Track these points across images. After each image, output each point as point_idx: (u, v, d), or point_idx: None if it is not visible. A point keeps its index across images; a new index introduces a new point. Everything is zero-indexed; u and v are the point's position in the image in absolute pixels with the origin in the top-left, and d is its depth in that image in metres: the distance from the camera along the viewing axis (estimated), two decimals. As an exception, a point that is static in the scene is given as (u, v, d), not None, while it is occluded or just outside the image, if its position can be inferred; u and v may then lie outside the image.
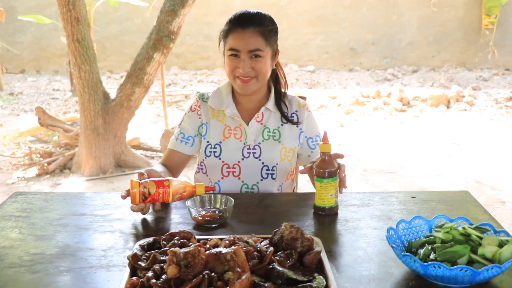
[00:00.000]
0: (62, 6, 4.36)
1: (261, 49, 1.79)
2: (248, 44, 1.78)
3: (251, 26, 1.79)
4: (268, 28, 1.82)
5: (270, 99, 1.91)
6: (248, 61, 1.79)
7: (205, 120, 1.92)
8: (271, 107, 1.91)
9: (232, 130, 1.90)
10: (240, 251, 1.07)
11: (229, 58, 1.81)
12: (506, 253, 1.16)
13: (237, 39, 1.79)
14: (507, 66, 9.69)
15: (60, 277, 1.22)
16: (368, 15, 9.80)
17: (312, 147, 1.94)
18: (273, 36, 1.85)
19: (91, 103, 4.72)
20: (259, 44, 1.79)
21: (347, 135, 6.39)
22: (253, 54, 1.79)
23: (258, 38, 1.79)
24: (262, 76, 1.82)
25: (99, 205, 1.70)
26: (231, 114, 1.89)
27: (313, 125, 1.97)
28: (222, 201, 1.58)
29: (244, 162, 1.88)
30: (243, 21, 1.80)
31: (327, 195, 1.56)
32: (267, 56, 1.82)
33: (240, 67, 1.79)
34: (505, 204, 4.11)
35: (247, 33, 1.78)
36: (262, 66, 1.80)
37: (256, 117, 1.90)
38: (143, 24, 9.13)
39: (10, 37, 9.67)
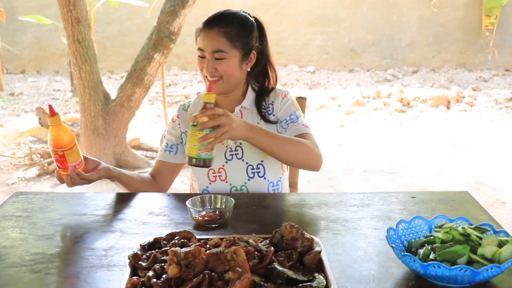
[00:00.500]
0: (62, 6, 4.37)
1: (224, 51, 1.76)
2: (211, 45, 1.76)
3: (216, 27, 1.77)
4: (234, 30, 1.79)
5: (247, 97, 1.89)
6: (212, 62, 1.77)
7: (184, 129, 1.93)
8: (247, 105, 1.89)
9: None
10: (241, 251, 1.07)
11: (198, 58, 1.82)
12: (506, 253, 1.17)
13: (202, 39, 1.79)
14: (507, 67, 9.69)
15: (61, 277, 1.23)
16: (368, 16, 9.81)
17: (285, 127, 1.87)
18: (242, 38, 1.80)
19: (91, 104, 4.72)
20: (221, 45, 1.76)
21: (347, 135, 6.39)
22: (216, 56, 1.76)
23: (221, 39, 1.76)
24: (227, 78, 1.79)
25: (99, 205, 1.71)
26: None
27: (288, 107, 1.89)
28: (223, 201, 1.58)
29: (228, 165, 1.86)
30: (211, 21, 1.79)
31: (190, 144, 1.53)
32: (233, 58, 1.78)
33: (204, 67, 1.78)
34: (505, 204, 4.11)
35: (211, 34, 1.77)
36: (225, 67, 1.77)
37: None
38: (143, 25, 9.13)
39: (10, 37, 9.67)
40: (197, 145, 1.51)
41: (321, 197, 1.77)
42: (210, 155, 1.53)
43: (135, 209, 1.66)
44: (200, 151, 1.52)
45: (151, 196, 1.80)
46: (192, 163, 1.54)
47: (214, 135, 1.52)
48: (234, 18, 1.82)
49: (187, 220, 1.56)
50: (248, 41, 1.82)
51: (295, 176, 2.18)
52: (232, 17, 1.81)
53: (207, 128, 1.50)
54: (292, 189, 2.17)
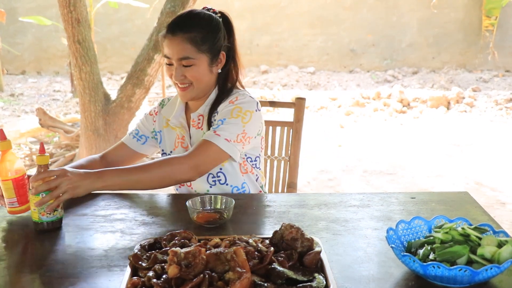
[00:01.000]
0: (63, 7, 4.37)
1: (191, 57, 1.70)
2: (177, 53, 1.70)
3: (180, 32, 1.70)
4: (199, 35, 1.71)
5: (205, 103, 1.82)
6: (180, 69, 1.72)
7: (159, 128, 1.93)
8: (202, 111, 1.82)
9: (180, 139, 1.88)
10: (241, 251, 1.08)
11: (165, 66, 1.77)
12: (505, 253, 1.17)
13: (168, 46, 1.72)
14: (507, 68, 9.70)
15: (61, 277, 1.23)
16: (368, 17, 9.81)
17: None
18: (208, 41, 1.73)
19: (91, 104, 4.73)
20: (187, 52, 1.70)
21: (347, 136, 6.40)
22: (183, 63, 1.71)
23: (186, 45, 1.70)
24: (198, 83, 1.75)
25: (100, 205, 1.71)
26: (175, 124, 1.87)
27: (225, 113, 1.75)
28: (223, 202, 1.58)
29: None
30: (173, 26, 1.72)
31: (31, 208, 1.48)
32: (201, 63, 1.72)
33: (173, 74, 1.74)
34: (505, 205, 4.12)
35: (175, 40, 1.70)
36: (194, 73, 1.73)
37: (193, 124, 1.85)
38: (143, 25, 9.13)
39: (11, 38, 9.68)
40: (36, 209, 1.47)
41: (321, 197, 1.78)
42: (53, 216, 1.48)
43: (135, 209, 1.67)
44: (41, 215, 1.47)
45: (152, 197, 1.80)
46: (38, 228, 1.48)
47: (51, 198, 1.46)
48: (198, 20, 1.73)
49: (187, 221, 1.56)
50: (215, 42, 1.75)
51: (295, 177, 2.18)
52: (195, 20, 1.73)
53: (43, 192, 1.46)
54: (291, 190, 2.17)
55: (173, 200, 1.77)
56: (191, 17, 1.74)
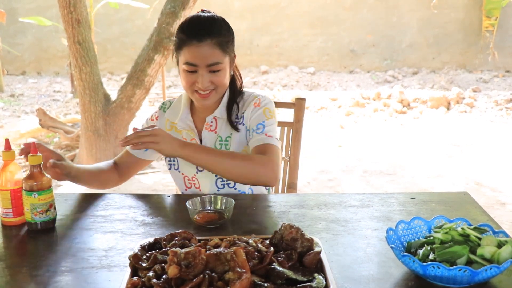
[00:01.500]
0: (63, 8, 4.38)
1: (220, 62, 1.69)
2: (207, 59, 1.67)
3: (208, 38, 1.66)
4: (225, 39, 1.71)
5: (220, 106, 1.81)
6: (207, 75, 1.68)
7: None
8: (219, 114, 1.81)
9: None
10: (241, 251, 1.08)
11: (185, 73, 1.70)
12: (505, 254, 1.17)
13: (193, 53, 1.66)
14: (507, 68, 9.70)
15: (61, 277, 1.23)
16: (368, 17, 9.82)
17: (250, 137, 1.79)
18: (230, 44, 1.74)
19: (91, 105, 4.73)
20: (217, 57, 1.68)
21: (347, 136, 6.40)
22: (212, 69, 1.68)
23: (216, 50, 1.67)
24: (221, 88, 1.74)
25: (100, 206, 1.71)
26: (184, 127, 1.85)
27: (258, 116, 1.79)
28: (223, 202, 1.58)
29: (199, 175, 1.84)
30: (198, 32, 1.67)
31: (24, 208, 1.50)
32: (226, 67, 1.72)
33: (198, 81, 1.69)
34: (505, 205, 4.12)
35: (204, 47, 1.66)
36: (221, 78, 1.71)
37: (206, 126, 1.83)
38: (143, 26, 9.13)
39: (11, 38, 9.68)
40: (29, 209, 1.49)
41: (321, 197, 1.78)
42: (46, 216, 1.49)
43: (135, 209, 1.67)
44: (34, 215, 1.48)
45: (151, 197, 1.80)
46: (31, 228, 1.50)
47: (136, 135, 1.56)
48: (219, 24, 1.72)
49: (187, 221, 1.56)
50: (233, 46, 1.77)
51: (295, 177, 2.18)
52: (218, 25, 1.71)
53: (35, 192, 1.47)
54: (292, 190, 2.17)
55: (173, 200, 1.77)
56: (213, 21, 1.71)
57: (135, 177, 4.82)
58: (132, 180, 4.74)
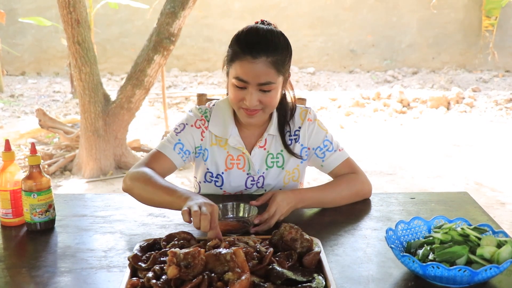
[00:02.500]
0: (62, 8, 4.37)
1: (273, 82, 1.57)
2: (259, 77, 1.55)
3: (263, 55, 1.54)
4: (280, 58, 1.57)
5: (272, 123, 1.74)
6: (256, 94, 1.57)
7: (207, 145, 1.75)
8: (273, 131, 1.74)
9: (235, 160, 1.75)
10: (240, 252, 1.08)
11: (234, 88, 1.59)
12: (504, 254, 1.17)
13: (246, 69, 1.55)
14: (507, 68, 9.70)
15: (61, 278, 1.23)
16: (368, 17, 9.82)
17: (321, 156, 1.77)
18: (286, 63, 1.61)
19: (91, 105, 4.73)
20: (270, 76, 1.56)
21: (347, 136, 6.40)
22: (263, 88, 1.57)
23: (270, 69, 1.55)
24: (269, 109, 1.64)
25: (99, 206, 1.71)
26: (235, 144, 1.73)
27: (317, 133, 1.78)
28: (245, 210, 1.51)
29: (246, 191, 1.78)
30: (254, 48, 1.54)
31: (24, 208, 1.50)
32: (278, 87, 1.60)
33: (247, 99, 1.58)
34: (505, 205, 4.11)
35: (258, 64, 1.54)
36: (270, 98, 1.60)
37: (259, 143, 1.75)
38: (143, 26, 9.14)
39: (10, 39, 9.68)
40: (29, 209, 1.48)
41: (320, 198, 1.77)
42: (45, 217, 1.50)
43: (134, 210, 1.67)
44: (33, 215, 1.49)
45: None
46: (30, 228, 1.51)
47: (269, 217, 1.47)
48: (277, 41, 1.58)
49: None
50: (290, 64, 1.65)
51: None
52: (276, 41, 1.58)
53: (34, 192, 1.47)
54: (292, 190, 2.16)
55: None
56: (271, 37, 1.58)
57: (135, 178, 4.81)
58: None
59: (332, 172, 1.79)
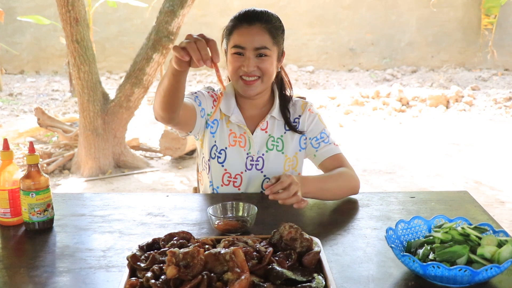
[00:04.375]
0: (61, 6, 4.36)
1: (268, 47, 1.69)
2: (254, 41, 1.68)
3: (258, 22, 1.69)
4: (275, 25, 1.72)
5: (275, 106, 1.82)
6: (254, 59, 1.68)
7: (218, 117, 1.82)
8: (276, 114, 1.82)
9: (237, 138, 1.81)
10: (239, 252, 1.07)
11: (232, 56, 1.71)
12: (505, 253, 1.16)
13: (243, 35, 1.68)
14: (506, 66, 9.70)
15: (59, 278, 1.22)
16: (367, 16, 9.81)
17: (316, 146, 1.83)
18: (280, 34, 1.74)
19: (90, 104, 4.72)
20: (265, 41, 1.69)
21: (346, 135, 6.39)
22: (259, 53, 1.68)
23: (265, 35, 1.69)
24: (267, 77, 1.72)
25: (98, 205, 1.70)
26: (237, 122, 1.80)
27: (316, 124, 1.85)
28: (245, 209, 1.51)
29: (246, 173, 1.81)
30: (249, 17, 1.70)
31: (22, 208, 1.50)
32: (273, 56, 1.72)
33: (244, 65, 1.68)
34: (504, 204, 4.11)
35: (253, 29, 1.68)
36: (268, 65, 1.70)
37: (261, 125, 1.82)
38: (142, 25, 9.13)
39: (9, 37, 9.67)
40: (27, 208, 1.48)
41: (320, 197, 1.77)
42: (44, 216, 1.49)
43: (133, 209, 1.66)
44: (31, 215, 1.48)
45: (150, 197, 1.79)
46: (29, 228, 1.50)
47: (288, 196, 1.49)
48: (272, 15, 1.74)
49: (186, 221, 1.56)
50: (283, 39, 1.77)
51: (294, 176, 2.18)
52: (270, 14, 1.74)
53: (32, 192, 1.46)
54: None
55: (172, 200, 1.76)
56: (265, 11, 1.73)
57: (133, 176, 4.81)
58: (130, 179, 4.73)
59: (322, 163, 1.83)
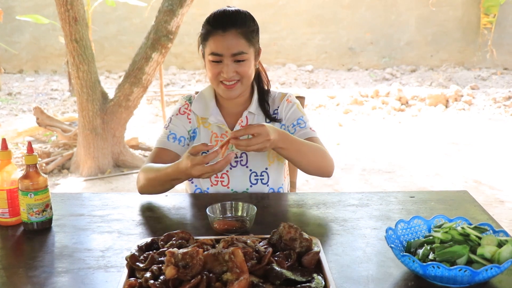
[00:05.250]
0: (60, 6, 4.36)
1: (245, 52, 1.69)
2: (231, 48, 1.67)
3: (233, 28, 1.68)
4: (250, 29, 1.72)
5: (253, 102, 1.84)
6: (232, 65, 1.69)
7: (195, 126, 1.86)
8: (253, 110, 1.84)
9: (219, 137, 1.83)
10: (239, 252, 1.07)
11: (211, 64, 1.71)
12: (505, 253, 1.16)
13: (218, 42, 1.68)
14: (505, 66, 9.70)
15: (58, 278, 1.22)
16: (367, 15, 9.81)
17: (292, 132, 1.82)
18: (255, 35, 1.75)
19: (89, 103, 4.71)
20: (242, 46, 1.68)
21: (345, 134, 6.39)
22: (236, 58, 1.69)
23: (241, 40, 1.68)
24: (246, 79, 1.74)
25: (97, 205, 1.70)
26: (216, 122, 1.82)
27: (294, 112, 1.85)
28: (244, 209, 1.50)
29: (232, 171, 1.82)
30: (223, 22, 1.68)
31: (20, 208, 1.49)
32: (251, 58, 1.73)
33: (223, 71, 1.69)
34: (504, 203, 4.11)
35: (228, 36, 1.67)
36: (246, 69, 1.71)
37: (240, 122, 1.83)
38: (141, 24, 9.11)
39: (8, 37, 9.65)
40: (25, 209, 1.47)
41: (319, 196, 1.77)
42: (42, 216, 1.49)
43: (132, 209, 1.66)
44: (30, 215, 1.47)
45: (149, 197, 1.79)
46: (27, 228, 1.50)
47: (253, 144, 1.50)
48: (245, 16, 1.73)
49: (185, 221, 1.55)
50: (258, 38, 1.78)
51: (294, 176, 2.17)
52: (243, 16, 1.73)
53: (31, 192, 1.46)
54: (291, 189, 2.16)
55: (171, 200, 1.76)
56: (238, 13, 1.72)
57: (133, 176, 4.81)
58: (130, 179, 4.73)
59: None
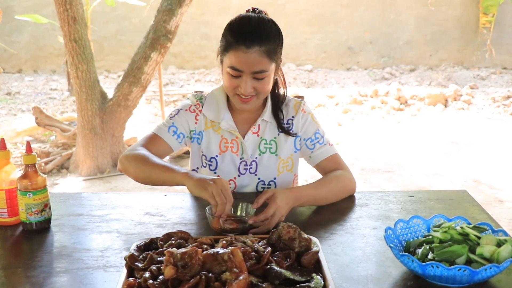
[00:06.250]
0: (59, 5, 4.35)
1: (266, 70, 1.62)
2: (253, 66, 1.60)
3: (256, 45, 1.59)
4: (274, 46, 1.63)
5: (267, 109, 1.80)
6: (251, 82, 1.63)
7: (201, 129, 1.81)
8: (267, 117, 1.80)
9: (229, 143, 1.80)
10: (238, 252, 1.07)
11: (229, 76, 1.64)
12: (504, 253, 1.16)
13: (240, 59, 1.60)
14: (504, 65, 9.70)
15: (57, 278, 1.22)
16: (366, 14, 9.81)
17: (311, 147, 1.81)
18: (278, 51, 1.67)
19: (88, 103, 4.71)
20: (263, 65, 1.61)
21: (345, 134, 6.39)
22: (256, 76, 1.62)
23: (263, 58, 1.61)
24: (263, 94, 1.69)
25: (96, 205, 1.70)
26: (227, 128, 1.78)
27: (310, 124, 1.83)
28: (243, 209, 1.50)
29: (240, 178, 1.80)
30: (247, 38, 1.59)
31: (19, 208, 1.49)
32: (271, 74, 1.66)
33: (241, 86, 1.63)
34: (503, 203, 4.11)
35: (251, 54, 1.59)
36: (265, 86, 1.66)
37: (252, 128, 1.80)
38: (140, 24, 9.11)
39: (7, 36, 9.64)
40: (24, 209, 1.47)
41: (318, 196, 1.76)
42: (41, 216, 1.48)
43: (131, 209, 1.66)
44: (29, 215, 1.47)
45: (148, 196, 1.79)
46: (26, 228, 1.49)
47: (266, 223, 1.44)
48: (270, 30, 1.64)
49: (184, 221, 1.55)
50: (281, 52, 1.71)
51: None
52: (268, 30, 1.63)
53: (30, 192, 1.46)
54: (290, 189, 2.16)
55: (170, 200, 1.76)
56: (262, 26, 1.63)
57: (132, 176, 4.80)
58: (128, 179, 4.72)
59: (318, 164, 1.82)
